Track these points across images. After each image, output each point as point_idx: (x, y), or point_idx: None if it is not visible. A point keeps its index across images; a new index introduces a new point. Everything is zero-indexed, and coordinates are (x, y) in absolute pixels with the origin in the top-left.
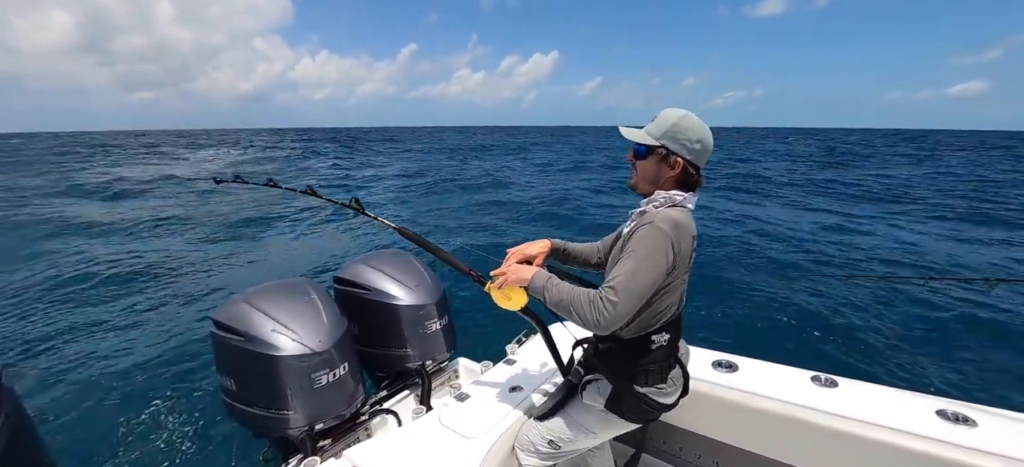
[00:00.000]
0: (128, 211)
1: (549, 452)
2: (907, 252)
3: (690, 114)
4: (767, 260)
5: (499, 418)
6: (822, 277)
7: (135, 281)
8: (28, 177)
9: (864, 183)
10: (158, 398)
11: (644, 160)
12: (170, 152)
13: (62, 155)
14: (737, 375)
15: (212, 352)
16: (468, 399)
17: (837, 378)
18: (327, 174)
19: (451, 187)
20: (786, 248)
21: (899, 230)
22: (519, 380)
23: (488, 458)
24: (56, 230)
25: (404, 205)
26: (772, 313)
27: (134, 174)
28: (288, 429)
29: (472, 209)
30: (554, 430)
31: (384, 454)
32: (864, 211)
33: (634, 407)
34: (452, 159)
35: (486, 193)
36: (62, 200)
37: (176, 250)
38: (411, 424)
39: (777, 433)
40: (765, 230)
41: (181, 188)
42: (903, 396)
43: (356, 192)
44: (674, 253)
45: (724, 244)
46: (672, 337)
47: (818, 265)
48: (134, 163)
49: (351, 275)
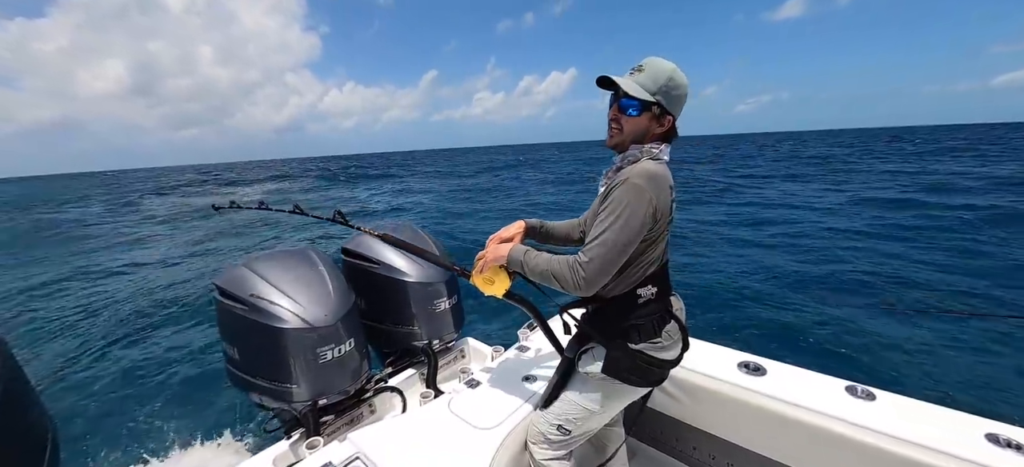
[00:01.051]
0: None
1: (560, 439)
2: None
3: (675, 66)
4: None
5: (511, 409)
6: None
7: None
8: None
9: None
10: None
11: (636, 117)
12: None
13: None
14: (765, 379)
15: (216, 319)
16: (479, 386)
17: (875, 390)
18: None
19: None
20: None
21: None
22: (531, 368)
23: (500, 452)
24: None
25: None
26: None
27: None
28: (291, 402)
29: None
30: (560, 414)
31: (391, 439)
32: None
33: (632, 367)
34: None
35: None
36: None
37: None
38: (420, 410)
39: (806, 444)
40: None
41: (193, 214)
42: (949, 415)
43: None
44: (653, 207)
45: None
46: (660, 290)
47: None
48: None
49: (359, 247)
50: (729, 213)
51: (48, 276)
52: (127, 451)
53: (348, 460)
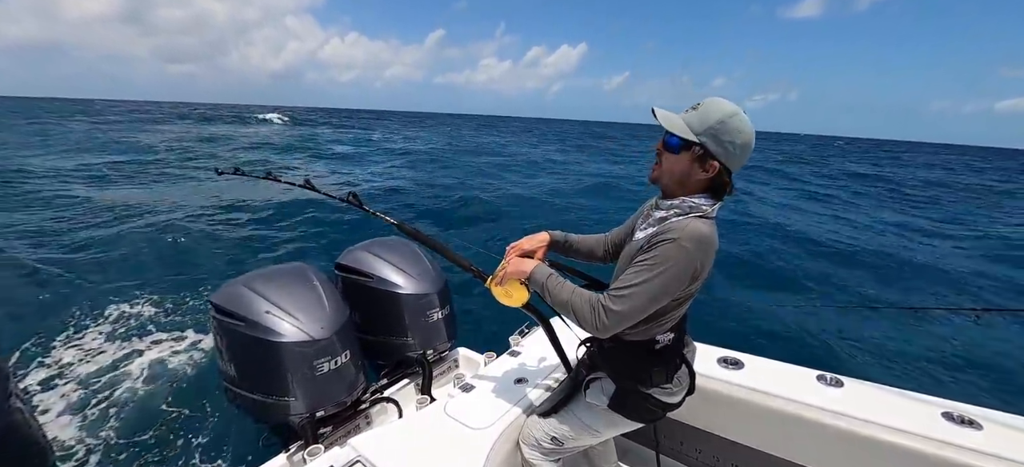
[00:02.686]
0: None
1: (552, 448)
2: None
3: (739, 111)
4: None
5: (504, 410)
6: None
7: (132, 260)
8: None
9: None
10: (155, 380)
11: (676, 155)
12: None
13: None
14: (743, 372)
15: (213, 336)
16: (473, 390)
17: (843, 378)
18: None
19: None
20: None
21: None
22: (524, 372)
23: (494, 450)
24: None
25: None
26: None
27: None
28: (289, 416)
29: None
30: (558, 428)
31: (390, 443)
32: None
33: (638, 407)
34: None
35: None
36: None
37: (175, 230)
38: (416, 413)
39: (784, 432)
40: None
41: (191, 175)
42: (909, 398)
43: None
44: (695, 274)
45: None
46: (677, 337)
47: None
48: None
49: (352, 261)
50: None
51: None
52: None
53: (349, 464)
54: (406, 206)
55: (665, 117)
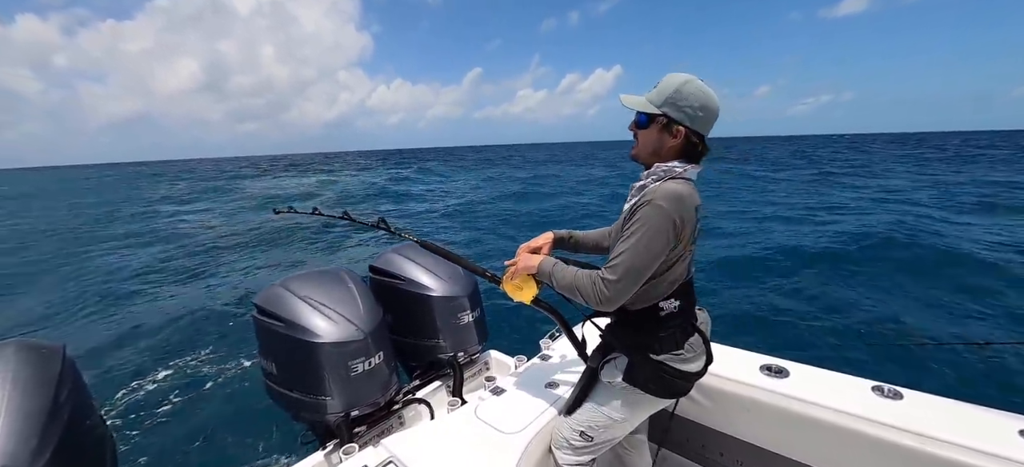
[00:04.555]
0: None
1: (583, 445)
2: None
3: (693, 79)
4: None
5: (536, 414)
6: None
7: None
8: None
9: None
10: (203, 375)
11: (645, 129)
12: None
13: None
14: (788, 381)
15: (255, 335)
16: (504, 393)
17: (902, 390)
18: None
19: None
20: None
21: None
22: (554, 376)
23: (526, 454)
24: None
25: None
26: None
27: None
28: (325, 414)
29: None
30: (583, 421)
31: (422, 444)
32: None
33: (653, 377)
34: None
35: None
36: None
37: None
38: (447, 416)
39: (832, 445)
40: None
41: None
42: (981, 413)
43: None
44: (676, 229)
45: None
46: (683, 304)
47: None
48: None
49: (386, 265)
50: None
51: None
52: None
53: (382, 464)
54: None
55: (630, 100)
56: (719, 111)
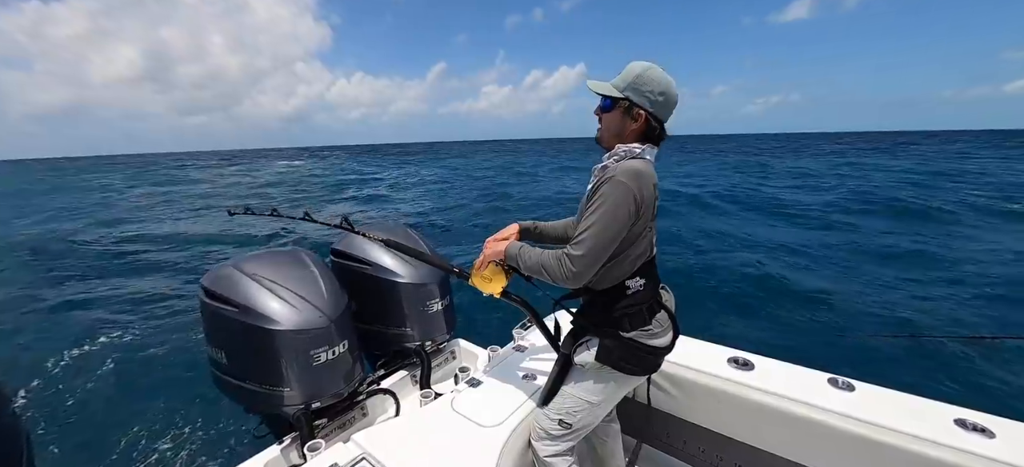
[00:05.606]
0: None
1: (562, 433)
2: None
3: (654, 66)
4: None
5: (514, 406)
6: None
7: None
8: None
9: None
10: (141, 362)
11: (609, 113)
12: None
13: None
14: (753, 373)
15: (201, 321)
16: (481, 385)
17: (855, 382)
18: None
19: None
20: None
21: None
22: (531, 367)
23: (506, 448)
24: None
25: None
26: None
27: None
28: (283, 406)
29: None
30: (561, 408)
31: (396, 439)
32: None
33: (625, 355)
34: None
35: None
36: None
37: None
38: (423, 409)
39: (793, 433)
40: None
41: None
42: (922, 403)
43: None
44: (636, 203)
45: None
46: (648, 282)
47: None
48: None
49: (350, 248)
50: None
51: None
52: (104, 462)
53: (354, 461)
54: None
55: (595, 85)
56: (677, 98)
